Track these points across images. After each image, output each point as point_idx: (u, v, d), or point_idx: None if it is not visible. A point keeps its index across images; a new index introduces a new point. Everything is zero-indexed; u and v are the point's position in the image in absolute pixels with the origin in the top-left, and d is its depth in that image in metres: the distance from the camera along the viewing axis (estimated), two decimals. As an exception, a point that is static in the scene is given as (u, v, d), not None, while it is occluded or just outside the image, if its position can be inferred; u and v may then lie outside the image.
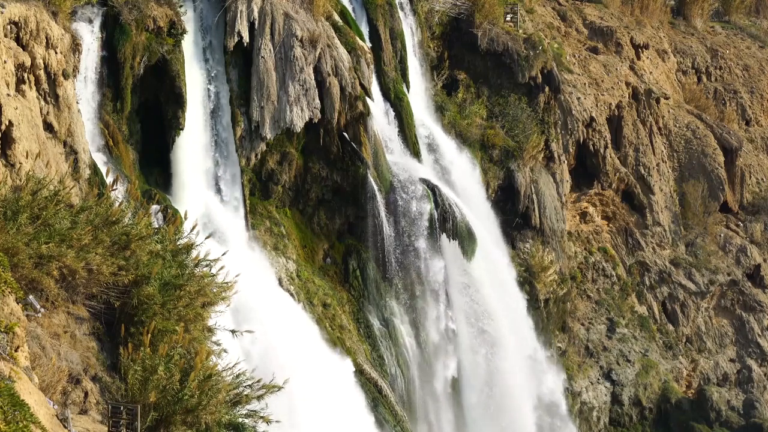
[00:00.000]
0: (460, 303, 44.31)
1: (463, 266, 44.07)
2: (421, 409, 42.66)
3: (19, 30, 29.42)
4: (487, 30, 50.25)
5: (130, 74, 35.35)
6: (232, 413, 19.99)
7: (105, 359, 20.29)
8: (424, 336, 42.83)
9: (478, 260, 44.31)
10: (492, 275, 45.56)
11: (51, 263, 19.63)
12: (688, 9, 69.23)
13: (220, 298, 22.19)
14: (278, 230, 40.07)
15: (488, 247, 45.15)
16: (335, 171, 41.36)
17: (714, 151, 60.42)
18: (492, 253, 45.70)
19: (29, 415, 14.45)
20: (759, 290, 58.99)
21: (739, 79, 67.69)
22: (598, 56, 58.59)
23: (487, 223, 46.69)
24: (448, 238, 43.04)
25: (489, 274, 45.32)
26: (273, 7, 39.23)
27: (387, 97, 44.71)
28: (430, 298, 42.94)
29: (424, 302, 42.84)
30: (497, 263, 46.38)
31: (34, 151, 27.62)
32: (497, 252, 46.67)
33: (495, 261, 46.10)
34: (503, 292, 46.29)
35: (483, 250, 44.41)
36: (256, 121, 38.81)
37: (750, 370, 56.55)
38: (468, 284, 44.48)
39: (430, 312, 42.94)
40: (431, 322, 43.04)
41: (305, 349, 36.41)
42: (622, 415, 52.49)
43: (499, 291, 45.81)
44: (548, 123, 50.92)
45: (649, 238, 57.16)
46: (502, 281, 46.53)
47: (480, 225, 44.76)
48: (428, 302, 42.92)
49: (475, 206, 45.86)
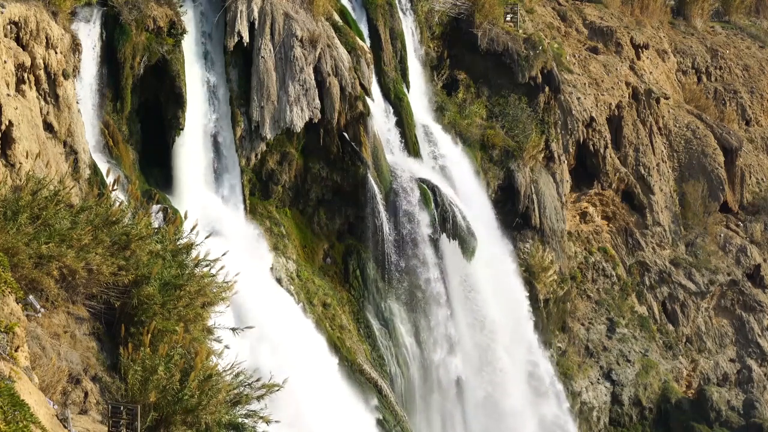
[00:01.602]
0: (460, 303, 44.30)
1: (463, 266, 44.06)
2: (422, 409, 42.66)
3: (19, 30, 29.42)
4: (487, 30, 50.25)
5: (130, 74, 35.35)
6: (232, 413, 19.99)
7: (105, 359, 20.29)
8: (424, 336, 42.84)
9: (478, 260, 44.29)
10: (492, 275, 45.54)
11: (51, 263, 19.63)
12: (688, 9, 69.24)
13: (220, 298, 22.19)
14: (278, 230, 40.07)
15: (488, 247, 45.12)
16: (335, 171, 41.35)
17: (714, 151, 60.42)
18: (492, 252, 45.67)
19: (29, 415, 14.45)
20: (759, 290, 58.98)
21: (739, 79, 67.69)
22: (598, 56, 58.59)
23: (487, 223, 46.67)
24: (448, 238, 43.03)
25: (489, 274, 45.30)
26: (273, 7, 39.23)
27: (387, 97, 44.70)
28: (430, 299, 42.93)
29: (423, 302, 42.82)
30: (497, 263, 46.36)
31: (34, 151, 27.61)
32: (497, 252, 46.64)
33: (495, 261, 46.08)
34: (503, 292, 46.28)
35: (483, 250, 44.39)
36: (256, 121, 38.81)
37: (750, 370, 56.54)
38: (468, 284, 44.47)
39: (429, 312, 42.92)
40: (431, 322, 43.03)
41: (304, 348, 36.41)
42: (622, 415, 52.49)
43: (499, 292, 45.80)
44: (548, 123, 50.93)
45: (649, 238, 57.16)
46: (502, 281, 46.51)
47: (480, 225, 44.74)
48: (428, 302, 42.91)
49: (475, 206, 45.83)
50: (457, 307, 44.20)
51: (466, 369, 44.22)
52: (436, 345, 43.19)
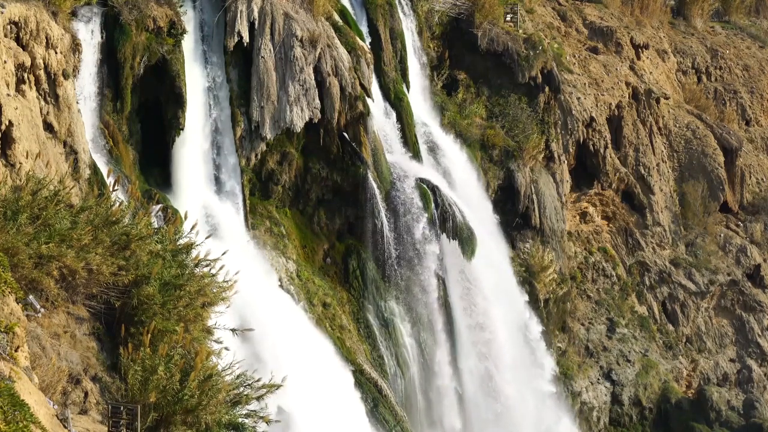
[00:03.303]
0: (459, 303, 44.30)
1: (463, 266, 44.06)
2: (422, 408, 42.66)
3: (19, 30, 29.42)
4: (487, 30, 50.25)
5: (130, 74, 35.34)
6: (232, 413, 19.99)
7: (105, 359, 20.29)
8: (424, 336, 42.84)
9: (478, 260, 44.29)
10: (492, 275, 45.54)
11: (51, 263, 19.63)
12: (688, 9, 69.24)
13: (220, 298, 22.20)
14: (278, 230, 40.06)
15: (488, 247, 45.11)
16: (335, 171, 41.35)
17: (714, 151, 60.42)
18: (492, 252, 45.67)
19: (29, 415, 14.44)
20: (759, 290, 58.98)
21: (739, 79, 67.69)
22: (598, 56, 58.58)
23: (487, 223, 46.68)
24: (448, 238, 43.03)
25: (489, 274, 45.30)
26: (273, 7, 39.23)
27: (387, 97, 44.71)
28: (430, 298, 42.93)
29: (424, 302, 42.82)
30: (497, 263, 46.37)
31: (34, 151, 27.61)
32: (497, 252, 46.65)
33: (494, 261, 46.08)
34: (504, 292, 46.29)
35: (483, 250, 44.39)
36: (256, 121, 38.80)
37: (750, 370, 56.54)
38: (468, 285, 44.47)
39: (430, 312, 42.93)
40: (431, 322, 43.04)
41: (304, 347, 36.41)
42: (622, 415, 52.48)
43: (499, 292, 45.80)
44: (548, 123, 50.93)
45: (649, 238, 57.16)
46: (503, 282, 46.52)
47: (480, 225, 44.74)
48: (428, 302, 42.90)
49: (475, 206, 45.84)
50: (457, 307, 44.20)
51: (466, 369, 44.23)
52: (435, 345, 43.20)
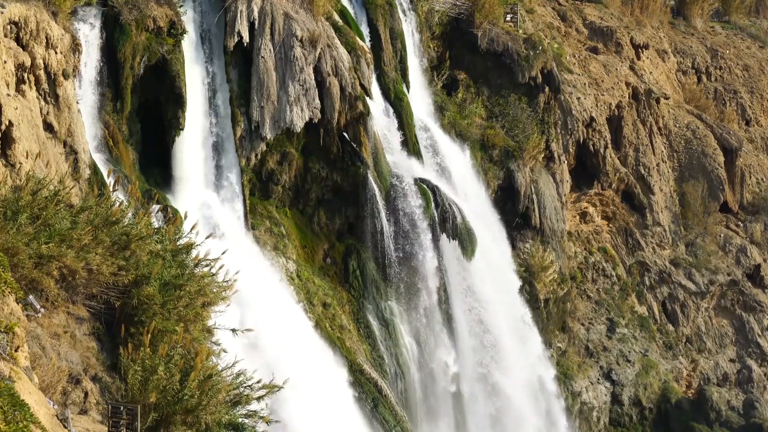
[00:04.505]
0: (459, 303, 44.30)
1: (463, 266, 44.05)
2: (422, 408, 42.66)
3: (19, 30, 29.41)
4: (487, 30, 50.25)
5: (130, 74, 35.34)
6: (232, 413, 19.99)
7: (105, 359, 20.30)
8: (424, 336, 42.84)
9: (478, 260, 44.29)
10: (492, 275, 45.54)
11: (51, 263, 19.63)
12: (688, 9, 69.24)
13: (220, 298, 22.20)
14: (278, 230, 40.06)
15: (488, 247, 45.12)
16: (335, 171, 41.35)
17: (714, 151, 60.42)
18: (492, 253, 45.67)
19: (29, 415, 14.44)
20: (759, 290, 58.98)
21: (739, 79, 67.69)
22: (598, 56, 58.58)
23: (487, 222, 46.67)
24: (448, 238, 43.03)
25: (489, 274, 45.30)
26: (273, 7, 39.23)
27: (387, 97, 44.70)
28: (430, 299, 42.92)
29: (424, 302, 42.81)
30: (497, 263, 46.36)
31: (34, 151, 27.61)
32: (497, 252, 46.64)
33: (494, 261, 46.08)
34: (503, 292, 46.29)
35: (483, 250, 44.39)
36: (256, 121, 38.80)
37: (750, 370, 56.55)
38: (468, 285, 44.47)
39: (429, 312, 42.92)
40: (431, 322, 43.03)
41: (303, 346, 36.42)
42: (622, 415, 52.48)
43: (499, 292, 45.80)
44: (548, 123, 50.93)
45: (649, 238, 57.16)
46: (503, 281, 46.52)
47: (480, 225, 44.74)
48: (428, 303, 42.90)
49: (475, 206, 45.84)
50: (457, 307, 44.20)
51: (466, 369, 44.22)
52: (436, 345, 43.20)
